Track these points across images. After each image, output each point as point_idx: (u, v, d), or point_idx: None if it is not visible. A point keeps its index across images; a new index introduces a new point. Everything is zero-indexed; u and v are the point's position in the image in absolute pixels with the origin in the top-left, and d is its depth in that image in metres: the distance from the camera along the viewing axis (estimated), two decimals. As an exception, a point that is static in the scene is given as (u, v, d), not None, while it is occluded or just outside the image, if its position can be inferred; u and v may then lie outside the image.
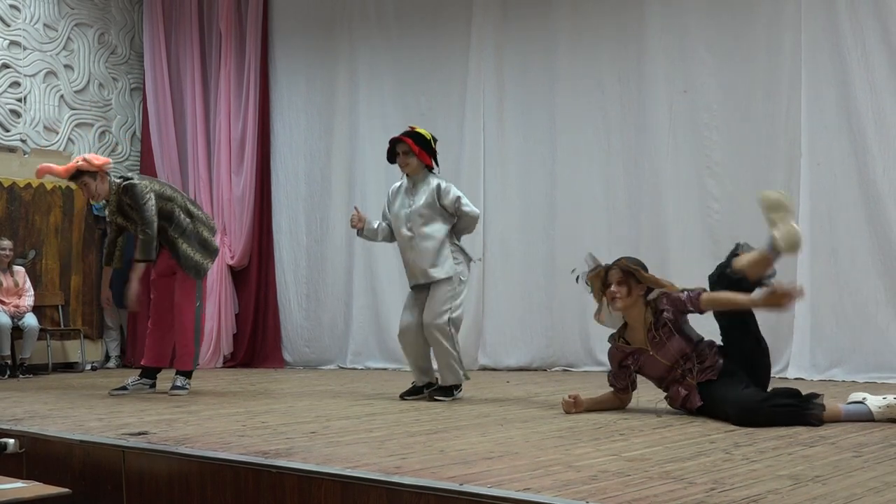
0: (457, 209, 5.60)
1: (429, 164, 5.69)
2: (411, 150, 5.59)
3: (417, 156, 5.60)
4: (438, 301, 5.52)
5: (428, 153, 5.66)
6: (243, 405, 5.36)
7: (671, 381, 4.50)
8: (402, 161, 5.65)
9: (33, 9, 9.62)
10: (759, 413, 4.02)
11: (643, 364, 4.57)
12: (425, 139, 5.66)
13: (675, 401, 4.50)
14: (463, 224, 5.69)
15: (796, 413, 4.03)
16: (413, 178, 5.68)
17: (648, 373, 4.60)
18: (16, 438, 4.11)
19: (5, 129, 9.36)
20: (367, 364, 8.93)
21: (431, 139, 5.70)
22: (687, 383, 4.42)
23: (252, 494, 3.17)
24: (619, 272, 4.55)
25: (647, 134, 7.74)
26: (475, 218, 5.71)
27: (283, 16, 9.79)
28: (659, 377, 4.57)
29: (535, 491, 2.60)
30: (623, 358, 4.64)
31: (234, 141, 9.70)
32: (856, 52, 6.75)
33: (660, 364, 4.50)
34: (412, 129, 5.71)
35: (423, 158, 5.64)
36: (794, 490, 2.60)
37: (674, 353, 4.46)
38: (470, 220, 5.68)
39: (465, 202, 5.62)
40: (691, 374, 4.41)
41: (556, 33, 8.20)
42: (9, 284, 8.68)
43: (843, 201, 6.80)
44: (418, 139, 5.64)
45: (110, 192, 6.12)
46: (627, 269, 4.53)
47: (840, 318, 6.74)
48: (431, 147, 5.69)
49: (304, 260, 9.50)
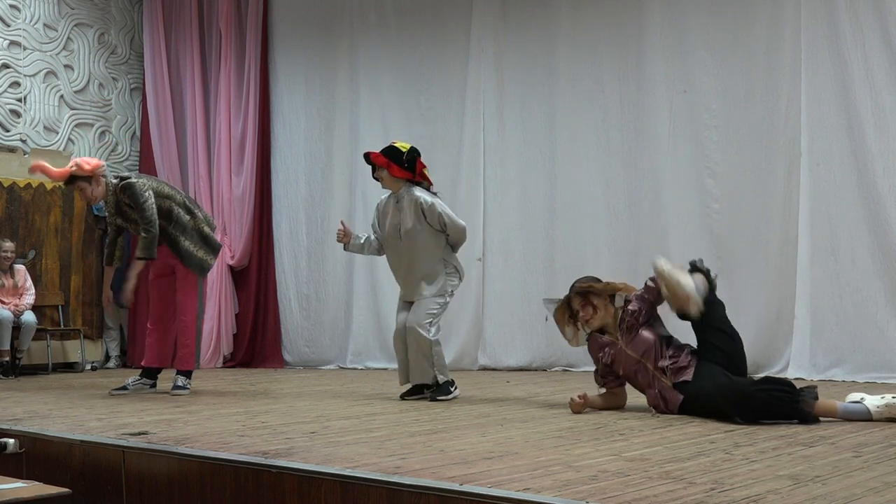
0: (444, 225, 5.60)
1: (402, 177, 5.62)
2: (378, 165, 5.59)
3: (387, 169, 5.56)
4: (423, 309, 5.56)
5: (399, 165, 5.58)
6: (243, 405, 5.36)
7: (644, 382, 4.56)
8: (377, 176, 5.67)
9: (33, 9, 9.62)
10: (754, 398, 4.06)
11: (615, 357, 4.66)
12: (397, 152, 5.60)
13: (655, 406, 4.53)
14: (453, 239, 5.70)
15: (789, 401, 4.04)
16: (396, 193, 5.66)
17: (620, 368, 4.67)
18: (16, 438, 4.12)
19: (5, 129, 9.36)
20: (368, 364, 8.93)
21: (407, 151, 5.61)
22: (661, 384, 4.46)
23: (252, 494, 3.17)
24: (578, 297, 4.78)
25: (646, 134, 7.74)
26: (463, 230, 5.71)
27: (283, 16, 9.79)
28: (631, 374, 4.62)
29: (535, 491, 2.60)
30: (599, 350, 4.74)
31: (234, 141, 9.71)
32: (856, 52, 6.75)
33: (629, 358, 4.58)
34: (391, 145, 5.71)
35: (393, 171, 5.58)
36: (794, 490, 2.60)
37: (641, 345, 4.56)
38: (458, 234, 5.69)
39: (448, 218, 5.59)
40: (664, 375, 4.45)
41: (556, 33, 8.20)
42: (9, 285, 8.69)
43: (842, 201, 6.80)
44: (387, 152, 5.61)
45: (107, 193, 6.11)
46: (582, 290, 4.77)
47: (840, 317, 6.74)
48: (402, 159, 5.59)
49: (304, 260, 9.50)
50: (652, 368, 4.50)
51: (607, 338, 4.71)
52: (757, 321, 6.89)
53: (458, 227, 5.66)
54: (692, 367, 4.40)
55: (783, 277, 7.03)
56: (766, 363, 6.91)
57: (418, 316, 5.54)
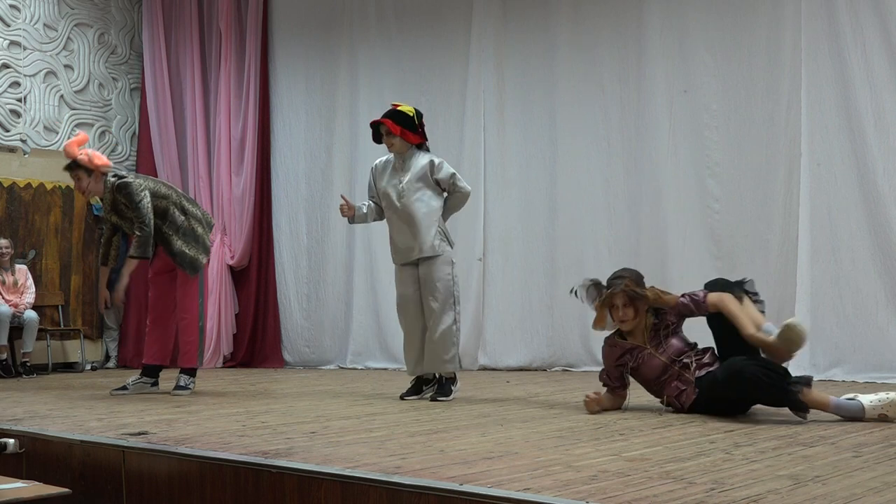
0: (451, 185, 5.59)
1: (416, 142, 5.61)
2: (392, 132, 5.54)
3: (400, 136, 5.54)
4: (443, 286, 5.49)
5: (412, 130, 5.57)
6: (243, 405, 5.35)
7: (668, 378, 4.52)
8: (387, 142, 5.60)
9: (33, 9, 9.62)
10: (746, 371, 4.07)
11: (641, 362, 4.58)
12: (407, 117, 5.57)
13: (670, 395, 4.51)
14: (454, 201, 5.67)
15: (779, 383, 4.05)
16: (401, 155, 5.64)
17: (644, 372, 4.61)
18: (16, 438, 4.11)
19: (5, 129, 9.35)
20: (368, 364, 8.93)
21: (415, 115, 5.60)
22: (685, 378, 4.45)
23: (252, 494, 3.17)
24: (624, 296, 4.56)
25: (647, 134, 7.74)
26: (467, 195, 5.69)
27: (283, 15, 9.79)
28: (654, 377, 4.58)
29: (535, 491, 2.60)
30: (620, 355, 4.65)
31: (234, 141, 9.71)
32: (856, 51, 6.75)
33: (657, 362, 4.53)
34: (394, 108, 5.64)
35: (408, 137, 5.56)
36: (794, 490, 2.60)
37: (672, 351, 4.52)
38: (462, 198, 5.67)
39: (459, 177, 5.62)
40: (689, 370, 4.44)
41: (557, 33, 8.20)
42: (10, 282, 8.70)
43: (843, 201, 6.80)
44: (399, 118, 5.56)
45: (104, 191, 6.10)
46: (633, 293, 4.54)
47: (840, 317, 6.74)
48: (415, 123, 5.58)
49: (304, 260, 9.50)
50: (678, 369, 4.49)
51: (629, 342, 4.62)
52: (757, 321, 6.89)
53: (465, 189, 5.65)
54: (716, 364, 4.42)
55: (783, 277, 7.03)
56: (767, 363, 6.90)
57: (442, 296, 5.48)
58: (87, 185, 6.07)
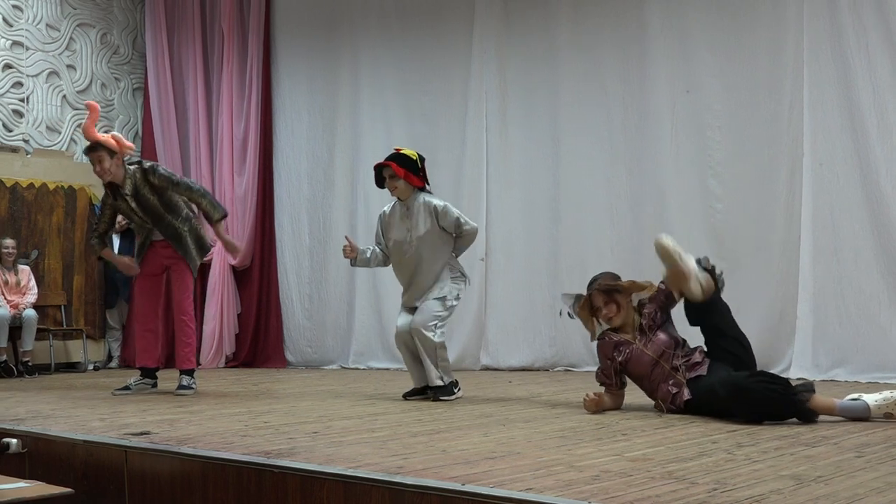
0: (457, 228, 5.59)
1: (419, 185, 5.60)
2: (396, 175, 5.54)
3: (404, 178, 5.54)
4: (429, 311, 5.52)
5: (415, 174, 5.57)
6: (245, 405, 5.36)
7: (659, 379, 4.53)
8: (391, 185, 5.59)
9: (36, 9, 9.63)
10: (751, 390, 4.04)
11: (630, 357, 4.62)
12: (410, 160, 5.58)
13: (664, 399, 4.52)
14: (462, 241, 5.69)
15: (784, 395, 4.03)
16: (406, 201, 5.63)
17: (634, 368, 4.64)
18: (18, 438, 4.12)
19: (8, 129, 9.37)
20: (370, 364, 8.93)
21: (418, 159, 5.61)
22: (676, 380, 4.46)
23: (254, 494, 3.17)
24: (601, 294, 4.72)
25: (649, 134, 7.74)
26: (475, 234, 5.72)
27: (285, 16, 9.80)
28: (645, 374, 4.60)
29: (538, 491, 2.60)
30: (612, 349, 4.70)
31: (237, 141, 9.72)
32: (858, 52, 6.74)
33: (646, 357, 4.56)
34: (397, 151, 5.65)
35: (411, 181, 5.56)
36: (797, 490, 2.60)
37: (659, 345, 4.56)
38: (470, 238, 5.70)
39: (464, 221, 5.60)
40: (679, 372, 4.45)
41: (559, 34, 8.20)
42: (13, 282, 8.71)
43: (845, 201, 6.80)
44: (402, 161, 5.56)
45: (124, 178, 6.05)
46: (607, 287, 4.71)
47: (843, 317, 6.74)
48: (418, 167, 5.59)
49: (306, 260, 9.51)
50: (668, 368, 4.50)
51: (621, 337, 4.69)
52: (759, 321, 6.88)
53: (472, 229, 5.67)
54: (705, 364, 4.43)
55: (786, 277, 7.02)
56: (769, 363, 6.88)
57: (424, 318, 5.51)
58: (109, 166, 5.96)
